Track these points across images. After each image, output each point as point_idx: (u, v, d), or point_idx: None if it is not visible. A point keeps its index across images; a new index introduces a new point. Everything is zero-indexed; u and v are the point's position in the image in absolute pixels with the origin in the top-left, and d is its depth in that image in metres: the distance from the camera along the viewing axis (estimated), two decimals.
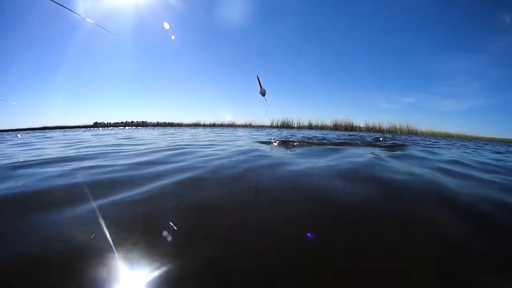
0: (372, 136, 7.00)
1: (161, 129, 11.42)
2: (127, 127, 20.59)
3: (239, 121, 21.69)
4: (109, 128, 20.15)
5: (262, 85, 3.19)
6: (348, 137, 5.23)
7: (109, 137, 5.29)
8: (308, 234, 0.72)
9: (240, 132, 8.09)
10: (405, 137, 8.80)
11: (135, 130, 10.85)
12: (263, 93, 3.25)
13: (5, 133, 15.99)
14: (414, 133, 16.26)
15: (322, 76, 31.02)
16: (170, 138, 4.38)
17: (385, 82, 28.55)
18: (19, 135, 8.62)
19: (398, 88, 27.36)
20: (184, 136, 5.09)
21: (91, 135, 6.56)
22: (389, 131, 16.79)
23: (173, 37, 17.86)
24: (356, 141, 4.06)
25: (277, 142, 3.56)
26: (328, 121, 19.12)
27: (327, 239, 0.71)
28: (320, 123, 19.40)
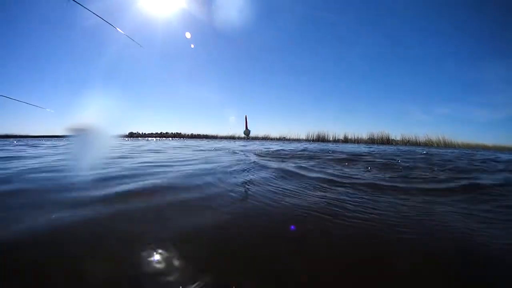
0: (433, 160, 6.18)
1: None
2: (164, 138, 20.50)
3: (273, 134, 21.64)
4: (146, 138, 19.01)
5: (247, 126, 3.38)
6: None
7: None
8: None
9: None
10: (450, 151, 8.14)
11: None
12: (247, 134, 3.44)
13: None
14: (451, 146, 15.03)
15: (358, 89, 30.36)
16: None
17: (421, 94, 26.92)
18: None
19: (434, 99, 25.57)
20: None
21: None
22: (425, 144, 15.72)
23: (192, 46, 18.34)
24: None
25: None
26: (364, 134, 18.57)
27: None
28: (355, 137, 18.82)
